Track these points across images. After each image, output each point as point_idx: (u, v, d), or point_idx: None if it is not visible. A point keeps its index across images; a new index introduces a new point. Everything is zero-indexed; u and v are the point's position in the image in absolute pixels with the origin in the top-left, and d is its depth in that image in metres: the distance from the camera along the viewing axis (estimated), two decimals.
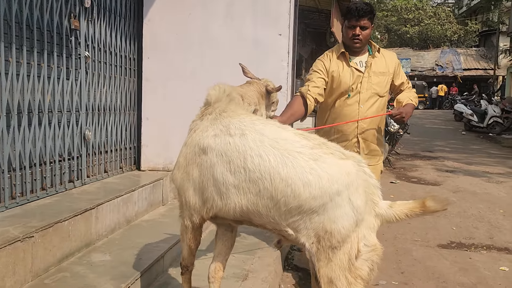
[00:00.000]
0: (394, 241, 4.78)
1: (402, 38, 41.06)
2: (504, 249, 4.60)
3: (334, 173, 2.02)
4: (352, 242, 2.03)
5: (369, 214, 2.08)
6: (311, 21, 10.07)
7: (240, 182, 2.10)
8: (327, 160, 2.05)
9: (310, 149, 2.08)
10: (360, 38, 3.20)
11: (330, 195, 2.00)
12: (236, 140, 2.14)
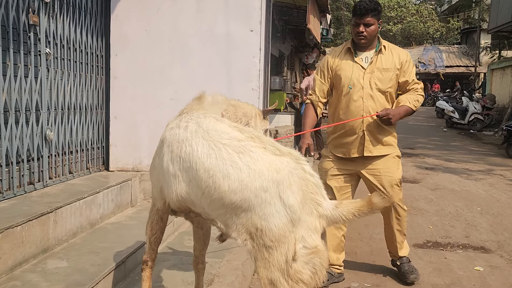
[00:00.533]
0: (369, 241, 4.70)
1: (385, 36, 41.19)
2: (480, 248, 4.54)
3: (258, 168, 1.96)
4: (289, 243, 1.92)
5: (308, 215, 1.95)
6: (291, 18, 9.97)
7: (176, 170, 2.15)
8: (254, 154, 1.99)
9: (238, 142, 2.04)
10: (364, 34, 3.34)
11: (252, 190, 1.93)
12: (180, 131, 2.19)
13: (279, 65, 13.79)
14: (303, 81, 9.65)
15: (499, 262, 4.19)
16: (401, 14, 40.11)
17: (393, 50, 3.47)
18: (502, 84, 20.93)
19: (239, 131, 2.10)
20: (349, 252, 4.36)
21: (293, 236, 1.92)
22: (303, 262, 1.93)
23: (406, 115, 3.46)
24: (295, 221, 1.92)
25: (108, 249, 3.25)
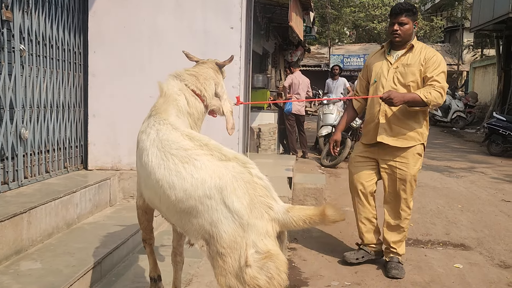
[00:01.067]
0: (350, 239, 4.69)
1: (370, 34, 41.46)
2: (459, 245, 4.57)
3: (201, 176, 1.98)
4: (241, 248, 1.89)
5: (258, 219, 1.91)
6: (274, 15, 9.93)
7: (142, 175, 2.26)
8: (198, 163, 2.02)
9: (184, 151, 2.08)
10: (398, 33, 3.61)
11: (196, 198, 1.97)
12: (144, 138, 2.26)
13: (263, 63, 13.75)
14: (287, 79, 9.63)
15: (478, 259, 4.22)
16: (385, 12, 40.28)
17: (423, 49, 3.65)
18: (484, 82, 21.19)
19: (190, 139, 2.12)
20: (330, 250, 4.36)
21: (244, 242, 1.89)
22: (258, 267, 1.89)
23: (414, 103, 3.52)
24: (244, 226, 1.89)
25: (85, 249, 3.19)
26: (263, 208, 1.93)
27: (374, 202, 4.02)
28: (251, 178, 1.98)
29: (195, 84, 2.60)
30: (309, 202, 5.64)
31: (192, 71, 2.70)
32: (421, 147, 3.76)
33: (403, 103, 3.51)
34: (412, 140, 3.70)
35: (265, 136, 7.69)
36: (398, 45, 3.70)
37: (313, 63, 35.28)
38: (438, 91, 3.50)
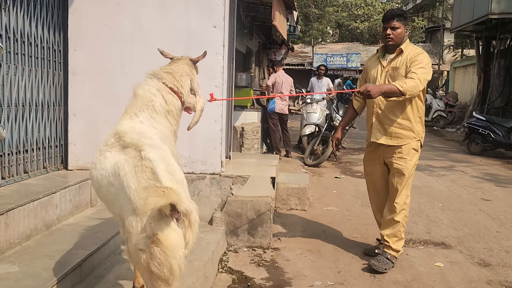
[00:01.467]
0: (333, 239, 4.70)
1: (352, 33, 41.78)
2: (440, 244, 4.62)
3: (105, 166, 2.21)
4: (136, 233, 1.97)
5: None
6: (258, 14, 9.91)
7: None
8: (107, 154, 2.24)
9: (105, 146, 2.32)
10: (391, 37, 3.84)
11: (104, 187, 2.19)
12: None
13: (246, 61, 13.72)
14: (270, 78, 9.62)
15: (458, 257, 4.27)
16: (368, 12, 40.66)
17: (410, 51, 3.85)
18: (464, 82, 21.49)
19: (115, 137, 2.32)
20: (312, 250, 4.37)
21: (139, 226, 1.95)
22: (149, 252, 1.93)
23: (391, 93, 3.66)
24: (136, 210, 1.94)
25: (64, 251, 3.13)
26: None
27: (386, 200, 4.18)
28: (140, 162, 2.05)
29: (172, 82, 2.65)
30: (292, 202, 5.64)
31: (168, 69, 2.73)
32: (417, 143, 3.94)
33: (380, 94, 3.67)
34: (406, 138, 3.89)
35: (248, 135, 7.67)
36: (391, 48, 3.92)
37: (297, 62, 35.35)
38: (413, 81, 3.63)
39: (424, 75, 3.70)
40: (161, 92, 2.60)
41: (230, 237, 4.37)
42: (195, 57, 2.92)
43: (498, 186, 7.42)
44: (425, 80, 3.71)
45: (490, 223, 5.36)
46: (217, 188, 4.57)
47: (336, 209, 5.78)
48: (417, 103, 3.91)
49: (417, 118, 3.92)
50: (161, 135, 2.49)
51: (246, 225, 4.34)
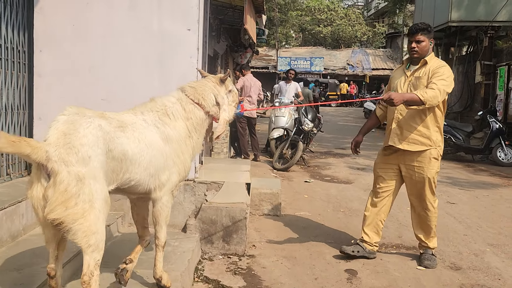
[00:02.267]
0: (308, 244, 4.68)
1: (316, 38, 42.32)
2: (412, 248, 4.67)
3: None
4: None
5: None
6: (226, 17, 9.84)
7: None
8: None
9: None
10: (416, 50, 4.04)
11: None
12: None
13: (213, 64, 13.61)
14: (238, 82, 9.56)
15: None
16: (330, 17, 41.31)
17: (433, 63, 4.03)
18: None
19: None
20: (288, 256, 4.33)
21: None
22: None
23: (413, 102, 3.85)
24: None
25: (33, 264, 2.97)
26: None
27: (386, 208, 4.39)
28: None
29: (194, 95, 3.02)
30: (265, 207, 5.60)
31: (193, 84, 3.14)
32: (436, 152, 4.10)
33: (403, 102, 3.85)
34: (422, 144, 4.07)
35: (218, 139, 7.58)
36: (415, 60, 4.11)
37: (261, 65, 35.49)
38: (433, 91, 3.82)
39: (444, 87, 3.87)
40: (181, 101, 2.97)
41: (204, 244, 4.27)
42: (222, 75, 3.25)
43: (461, 190, 7.62)
44: (444, 92, 3.88)
45: (457, 226, 5.48)
46: (191, 194, 4.47)
47: (309, 214, 5.77)
48: (437, 113, 4.06)
49: (435, 127, 4.08)
50: (162, 135, 2.80)
51: (221, 232, 4.26)
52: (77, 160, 2.25)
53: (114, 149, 2.46)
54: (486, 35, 13.32)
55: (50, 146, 2.22)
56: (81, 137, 2.30)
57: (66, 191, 2.20)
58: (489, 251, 4.62)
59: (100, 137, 2.38)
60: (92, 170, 2.29)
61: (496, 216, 5.96)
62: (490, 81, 13.41)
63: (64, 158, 2.22)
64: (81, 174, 2.24)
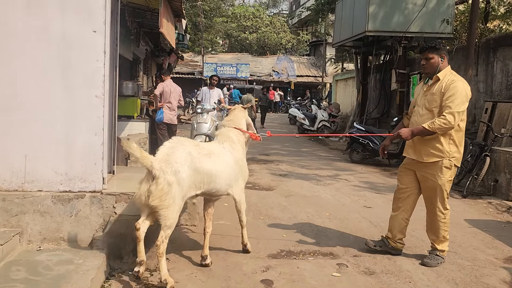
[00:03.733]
0: (225, 255, 4.55)
1: (242, 44, 42.60)
2: (329, 254, 4.70)
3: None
4: None
5: None
6: (145, 20, 9.54)
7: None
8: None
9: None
10: (425, 66, 4.44)
11: None
12: None
13: (134, 69, 13.19)
14: (158, 87, 9.28)
15: (346, 267, 4.36)
16: (256, 24, 41.80)
17: (446, 79, 4.30)
18: (345, 94, 22.91)
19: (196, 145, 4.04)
20: (203, 269, 4.17)
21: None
22: None
23: (421, 133, 4.31)
24: None
25: None
26: None
27: (408, 207, 4.68)
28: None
29: (234, 124, 4.52)
30: (182, 217, 5.38)
31: (230, 117, 4.61)
32: (449, 162, 4.35)
33: (412, 137, 4.37)
34: (433, 156, 4.36)
35: None
36: (429, 76, 4.45)
37: (187, 71, 35.09)
38: (443, 119, 4.16)
39: (457, 108, 4.15)
40: (231, 131, 4.41)
41: (113, 260, 4.01)
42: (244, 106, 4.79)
43: (377, 193, 7.86)
44: (458, 113, 4.16)
45: (372, 230, 5.59)
46: (98, 207, 4.18)
47: (228, 223, 5.64)
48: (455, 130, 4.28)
49: (449, 140, 4.32)
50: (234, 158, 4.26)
51: (131, 246, 4.01)
52: (171, 171, 3.59)
53: (199, 168, 3.82)
54: (400, 45, 13.96)
55: (156, 160, 3.60)
56: (176, 158, 3.66)
57: (162, 190, 3.54)
58: (401, 254, 4.74)
59: (188, 159, 3.74)
60: (178, 179, 3.63)
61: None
62: (404, 89, 14.07)
63: (163, 169, 3.57)
64: (171, 181, 3.58)
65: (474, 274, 4.29)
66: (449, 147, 4.33)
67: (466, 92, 4.25)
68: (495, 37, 11.10)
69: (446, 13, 13.35)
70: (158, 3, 6.31)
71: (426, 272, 4.30)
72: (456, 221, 6.13)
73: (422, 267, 4.42)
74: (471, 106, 10.84)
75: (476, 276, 4.24)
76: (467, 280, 4.13)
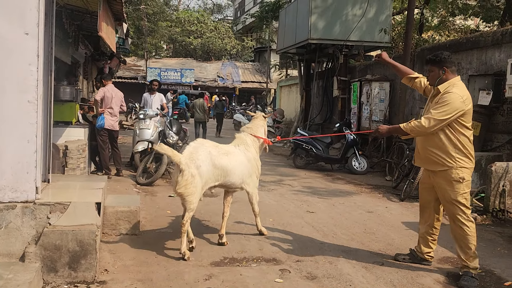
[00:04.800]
0: (167, 264, 4.46)
1: (186, 49, 42.26)
2: (272, 260, 4.70)
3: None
4: None
5: None
6: (84, 23, 9.23)
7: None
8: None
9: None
10: (428, 78, 4.52)
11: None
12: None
13: (73, 73, 12.72)
14: (98, 92, 8.98)
15: (288, 272, 4.38)
16: (200, 29, 41.61)
17: (446, 89, 4.31)
18: (289, 100, 23.24)
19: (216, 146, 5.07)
20: (144, 279, 4.06)
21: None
22: None
23: (397, 132, 4.56)
24: None
25: None
26: None
27: (432, 220, 4.63)
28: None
29: (252, 131, 5.44)
30: (122, 226, 5.23)
31: (249, 125, 5.58)
32: (457, 173, 4.27)
33: (388, 134, 4.82)
34: (437, 165, 4.34)
35: (73, 154, 7.00)
36: (432, 86, 4.50)
37: (130, 75, 34.34)
38: (419, 122, 4.26)
39: (437, 115, 4.20)
40: (248, 136, 5.34)
41: (47, 274, 3.81)
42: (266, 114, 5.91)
43: (320, 198, 8.00)
44: (438, 120, 4.19)
45: (315, 235, 5.68)
46: (30, 218, 3.96)
47: (170, 231, 5.54)
48: (458, 136, 4.26)
49: (455, 148, 4.27)
50: (247, 157, 5.21)
51: (67, 258, 3.84)
52: (194, 166, 4.56)
53: (217, 164, 4.78)
54: (341, 53, 14.36)
55: (182, 156, 4.56)
56: (198, 155, 4.64)
57: (187, 180, 4.49)
58: (342, 258, 4.83)
59: (208, 157, 4.71)
60: (200, 173, 4.59)
61: (350, 223, 6.32)
62: (346, 95, 14.47)
63: (188, 164, 4.52)
64: (194, 173, 4.54)
65: (410, 275, 4.44)
66: (456, 156, 4.27)
67: (457, 102, 4.19)
68: (429, 47, 11.65)
69: (384, 23, 13.90)
70: (97, 6, 6.11)
71: (365, 275, 4.40)
72: (394, 224, 6.35)
73: (362, 270, 4.52)
74: (407, 113, 11.32)
75: (412, 277, 4.39)
76: (403, 282, 4.27)
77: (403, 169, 8.96)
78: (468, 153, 4.32)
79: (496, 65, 8.88)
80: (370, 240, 5.51)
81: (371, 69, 13.88)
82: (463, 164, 4.29)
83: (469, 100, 4.30)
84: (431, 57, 4.46)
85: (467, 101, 4.26)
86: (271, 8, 22.60)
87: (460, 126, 4.28)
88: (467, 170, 4.31)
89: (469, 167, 4.32)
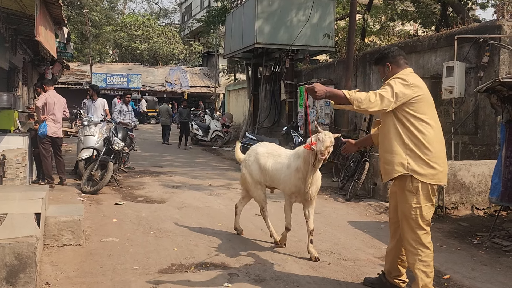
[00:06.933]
0: (112, 273, 4.35)
1: (133, 54, 41.46)
2: (220, 265, 4.69)
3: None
4: None
5: None
6: (21, 27, 8.86)
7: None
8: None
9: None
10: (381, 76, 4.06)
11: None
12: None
13: (11, 79, 12.20)
14: (40, 99, 8.64)
15: (237, 277, 4.40)
16: (147, 33, 40.97)
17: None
18: (238, 104, 23.32)
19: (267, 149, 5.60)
20: None
21: None
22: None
23: (337, 98, 3.63)
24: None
25: None
26: None
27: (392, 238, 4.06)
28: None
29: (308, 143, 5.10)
30: (65, 236, 5.07)
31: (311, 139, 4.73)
32: (410, 182, 3.62)
33: (325, 94, 3.59)
34: (387, 172, 3.79)
35: (12, 163, 6.70)
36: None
37: (74, 81, 33.31)
38: (366, 94, 3.59)
39: (382, 91, 3.60)
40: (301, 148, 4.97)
41: None
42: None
43: (269, 201, 8.04)
44: (382, 96, 3.56)
45: (264, 238, 5.72)
46: None
47: (116, 240, 5.41)
48: (409, 134, 3.64)
49: (404, 149, 3.65)
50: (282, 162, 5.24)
51: (4, 273, 3.66)
52: (247, 165, 5.57)
53: (263, 165, 5.36)
54: (287, 57, 14.59)
55: (243, 158, 5.74)
56: (249, 157, 5.58)
57: (243, 178, 5.65)
58: (290, 259, 4.90)
59: (257, 159, 5.45)
60: (250, 171, 5.52)
61: (298, 225, 6.40)
62: (293, 99, 14.70)
63: (245, 164, 5.61)
64: (246, 172, 5.57)
65: (355, 273, 4.56)
66: (405, 156, 3.63)
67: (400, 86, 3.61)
68: (370, 51, 12.05)
69: (328, 28, 14.26)
70: (34, 9, 5.90)
71: (312, 275, 4.48)
72: (340, 224, 6.51)
73: (309, 270, 4.61)
74: (352, 115, 11.65)
75: (357, 275, 4.52)
76: (349, 280, 4.39)
77: (348, 170, 9.21)
78: (423, 154, 3.60)
79: (432, 68, 9.33)
80: (317, 240, 5.61)
81: (316, 72, 14.18)
82: (415, 168, 3.59)
83: (420, 88, 3.66)
84: (376, 56, 4.09)
85: (416, 88, 3.62)
86: (218, 13, 22.64)
87: (413, 118, 3.62)
88: (425, 178, 3.60)
89: (427, 173, 3.59)
